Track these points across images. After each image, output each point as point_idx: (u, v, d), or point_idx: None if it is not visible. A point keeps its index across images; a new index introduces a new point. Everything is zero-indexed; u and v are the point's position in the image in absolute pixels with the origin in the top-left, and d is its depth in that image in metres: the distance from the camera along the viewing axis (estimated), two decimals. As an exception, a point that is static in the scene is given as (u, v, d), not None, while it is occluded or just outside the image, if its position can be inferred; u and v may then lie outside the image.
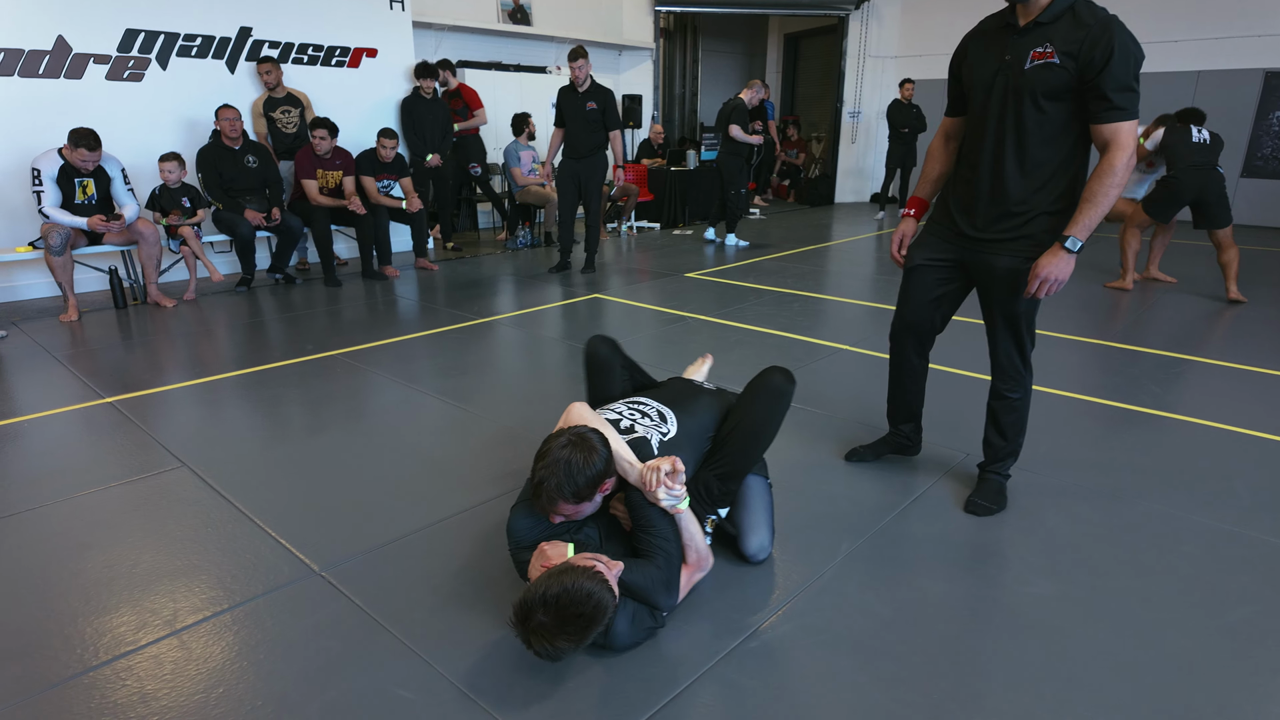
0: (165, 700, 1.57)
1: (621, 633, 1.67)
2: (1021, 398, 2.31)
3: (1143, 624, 1.83)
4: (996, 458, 2.39)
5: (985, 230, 2.15)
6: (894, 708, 1.57)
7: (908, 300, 2.40)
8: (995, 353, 2.29)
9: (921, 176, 2.41)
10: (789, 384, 2.01)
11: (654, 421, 2.03)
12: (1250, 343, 4.15)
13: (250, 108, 5.98)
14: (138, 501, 2.40)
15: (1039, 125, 1.99)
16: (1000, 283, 2.16)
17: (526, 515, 1.84)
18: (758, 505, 2.10)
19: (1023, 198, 2.07)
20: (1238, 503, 2.41)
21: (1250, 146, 8.59)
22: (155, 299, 4.97)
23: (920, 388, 2.55)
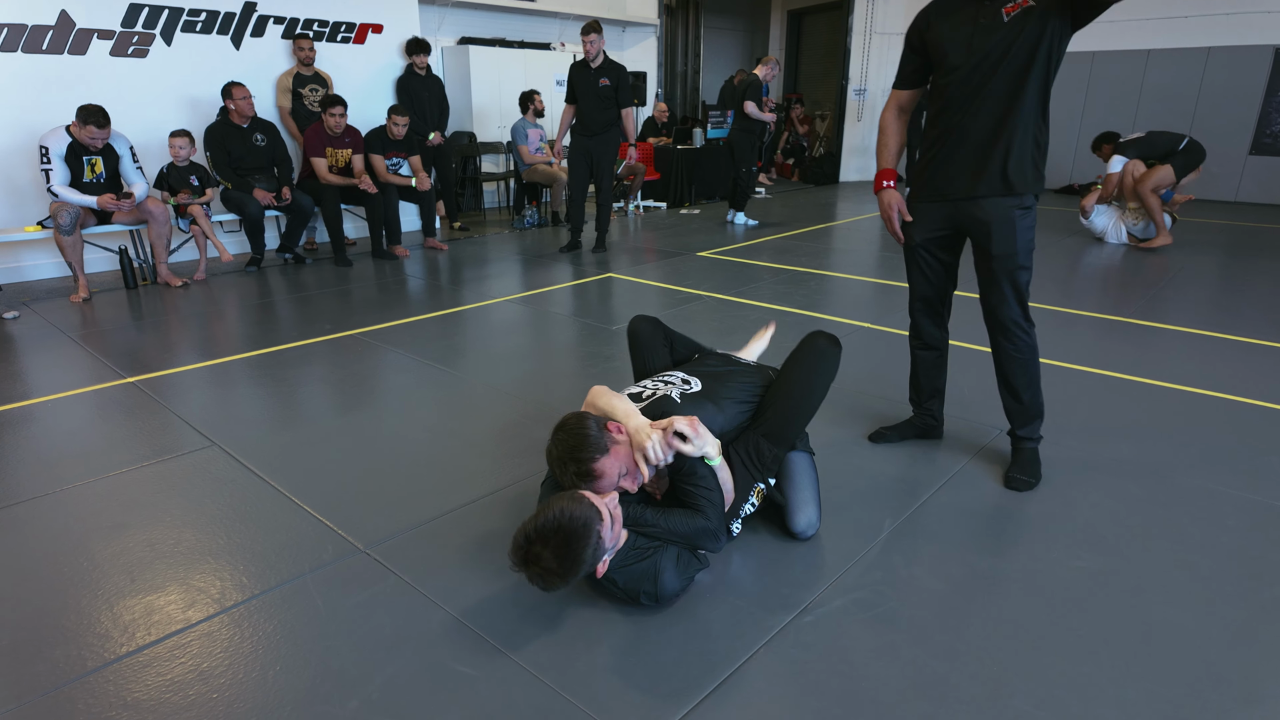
0: (223, 678, 1.56)
1: (668, 581, 1.70)
2: (1031, 352, 2.30)
3: (1193, 596, 1.84)
4: (1022, 421, 2.40)
5: (973, 185, 2.20)
6: (956, 679, 1.57)
7: (918, 279, 2.47)
8: (997, 313, 2.28)
9: (884, 150, 2.43)
10: (833, 347, 2.03)
11: (678, 385, 2.05)
12: (1267, 317, 4.15)
13: (275, 82, 5.91)
14: (172, 481, 2.38)
15: (1039, 71, 2.05)
16: (997, 235, 2.19)
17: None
18: (805, 481, 2.10)
19: (1015, 148, 2.13)
20: (1273, 476, 2.41)
21: (1259, 124, 8.54)
22: (165, 279, 4.92)
23: (942, 361, 2.57)
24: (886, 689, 1.55)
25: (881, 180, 2.42)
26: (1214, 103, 8.73)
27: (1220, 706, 1.50)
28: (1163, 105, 8.97)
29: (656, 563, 1.72)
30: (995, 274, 2.24)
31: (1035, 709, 1.49)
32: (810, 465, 2.13)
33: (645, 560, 1.72)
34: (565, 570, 1.58)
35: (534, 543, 1.58)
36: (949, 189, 2.26)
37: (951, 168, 2.24)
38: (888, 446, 2.65)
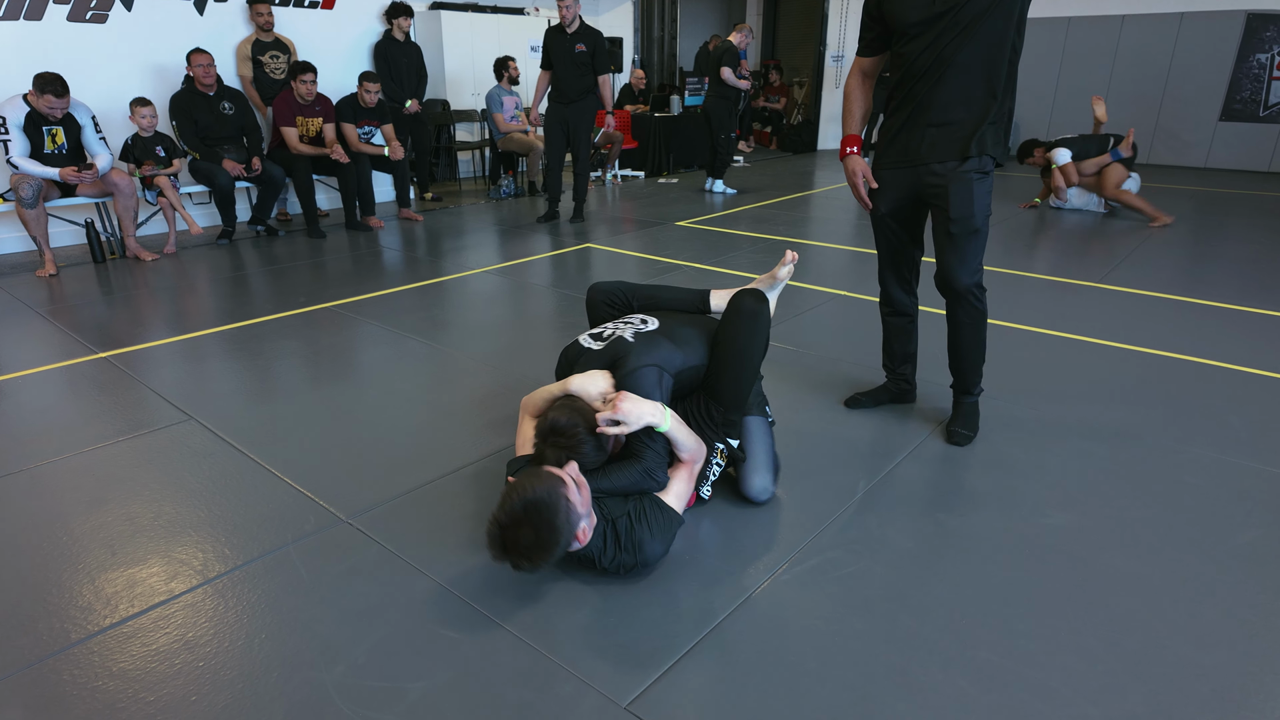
0: (208, 647, 1.58)
1: (647, 542, 1.72)
2: (979, 317, 2.35)
3: (1157, 549, 1.91)
4: (965, 381, 2.47)
5: (935, 150, 2.22)
6: (925, 633, 1.63)
7: (886, 247, 2.51)
8: (950, 274, 2.30)
9: (848, 116, 2.44)
10: (759, 303, 1.99)
11: (634, 325, 2.09)
12: (1236, 282, 4.24)
13: (235, 50, 5.75)
14: (149, 455, 2.37)
15: (999, 36, 2.07)
16: (955, 199, 2.21)
17: None
18: (758, 447, 2.12)
19: (975, 113, 2.16)
20: (1234, 435, 2.49)
21: (1230, 90, 8.63)
22: (134, 252, 4.83)
23: (913, 327, 2.62)
24: (859, 643, 1.60)
25: (845, 147, 2.42)
26: (1186, 69, 8.80)
27: (1176, 652, 1.57)
28: (1136, 71, 9.02)
29: (635, 538, 1.72)
30: (953, 236, 2.26)
31: (1001, 659, 1.55)
32: (765, 430, 2.16)
33: (623, 540, 1.72)
34: (547, 543, 1.57)
35: (507, 528, 1.56)
36: (910, 155, 2.29)
37: (913, 134, 2.26)
38: (862, 411, 2.70)
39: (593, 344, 2.07)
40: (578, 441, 1.76)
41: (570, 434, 1.75)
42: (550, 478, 1.62)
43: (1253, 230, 5.65)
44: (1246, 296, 3.98)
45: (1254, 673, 1.52)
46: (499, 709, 1.43)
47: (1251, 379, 2.93)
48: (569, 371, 2.06)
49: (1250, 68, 8.49)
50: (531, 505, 1.56)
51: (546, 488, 1.59)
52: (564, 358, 2.15)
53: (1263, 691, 1.47)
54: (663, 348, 1.97)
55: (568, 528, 1.61)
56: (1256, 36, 8.39)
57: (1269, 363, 3.08)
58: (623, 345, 1.98)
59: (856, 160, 2.40)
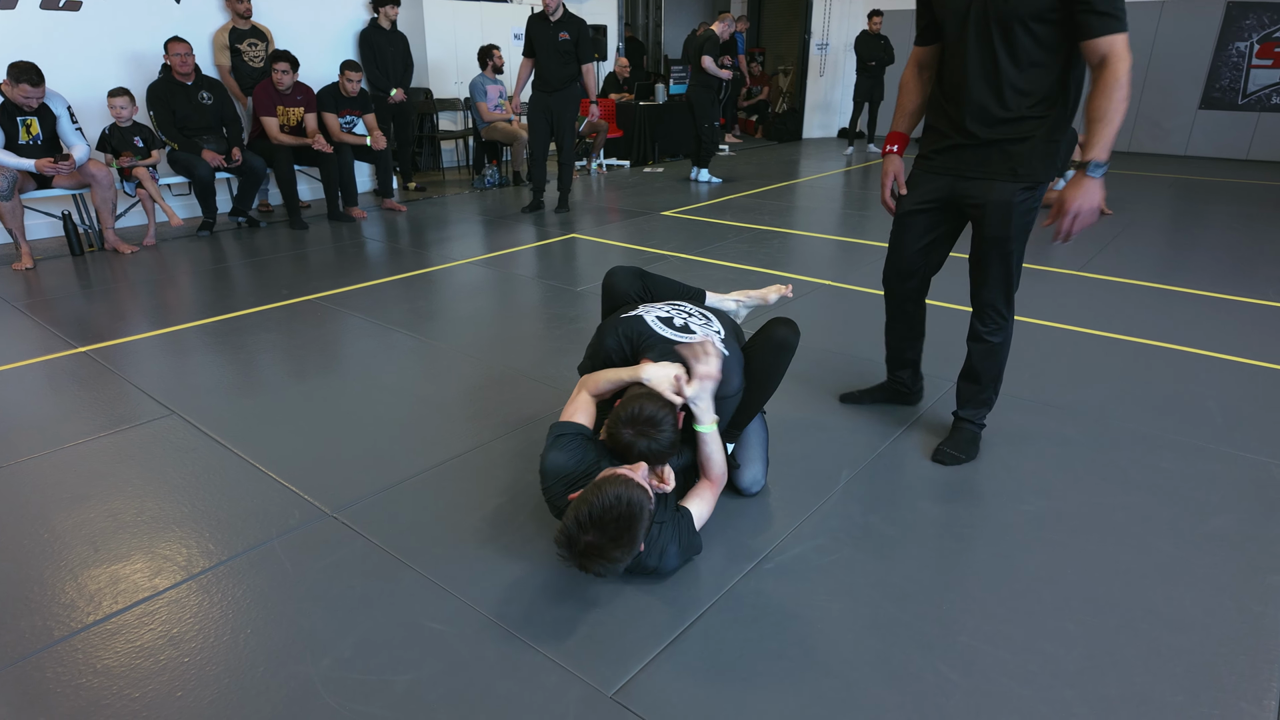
0: (193, 642, 1.58)
1: (672, 554, 1.72)
2: (1002, 342, 2.24)
3: (1133, 534, 1.94)
4: (972, 405, 2.34)
5: (974, 163, 2.07)
6: (907, 619, 1.65)
7: (898, 248, 2.32)
8: (979, 293, 2.21)
9: (898, 109, 2.29)
10: (794, 336, 1.99)
11: (703, 321, 2.04)
12: (1215, 269, 4.30)
13: (212, 39, 5.66)
14: (131, 451, 2.35)
15: (1027, 50, 1.89)
16: (993, 217, 2.07)
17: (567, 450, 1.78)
18: (753, 440, 2.15)
19: (1010, 128, 1.98)
20: (1210, 421, 2.53)
21: (1209, 78, 8.71)
22: (113, 245, 4.76)
23: (916, 334, 2.47)
24: (843, 630, 1.62)
25: (888, 144, 2.29)
26: (1166, 57, 8.87)
27: (1150, 635, 1.60)
28: (1118, 59, 9.06)
29: (662, 545, 1.71)
30: (984, 253, 2.13)
31: (981, 643, 1.58)
32: (760, 424, 2.18)
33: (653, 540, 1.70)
34: (626, 555, 1.56)
35: (589, 531, 1.52)
36: (946, 161, 2.13)
37: (952, 141, 2.10)
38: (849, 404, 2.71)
39: (667, 332, 1.96)
40: (668, 432, 1.72)
41: (661, 425, 1.72)
42: (641, 491, 1.57)
43: (1231, 218, 5.71)
44: (1224, 284, 4.03)
45: (1225, 654, 1.55)
46: (486, 700, 1.44)
47: (1227, 365, 2.98)
48: (634, 349, 1.96)
49: (1229, 56, 8.57)
50: (622, 518, 1.53)
51: (638, 501, 1.55)
52: (624, 326, 1.99)
53: (1234, 672, 1.51)
54: (735, 366, 1.96)
55: (640, 540, 1.59)
56: (1235, 25, 8.46)
57: (1245, 349, 3.13)
58: None
59: (893, 160, 2.28)
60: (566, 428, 1.82)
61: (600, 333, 2.04)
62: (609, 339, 1.99)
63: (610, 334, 2.00)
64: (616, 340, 1.98)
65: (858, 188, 7.19)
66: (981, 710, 1.42)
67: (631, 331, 1.98)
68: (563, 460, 1.76)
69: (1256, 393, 2.74)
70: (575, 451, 1.77)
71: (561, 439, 1.79)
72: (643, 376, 1.82)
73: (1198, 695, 1.45)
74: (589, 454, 1.78)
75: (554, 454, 1.77)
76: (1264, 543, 1.90)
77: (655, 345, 1.93)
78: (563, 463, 1.76)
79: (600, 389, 1.91)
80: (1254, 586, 1.75)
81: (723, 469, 1.90)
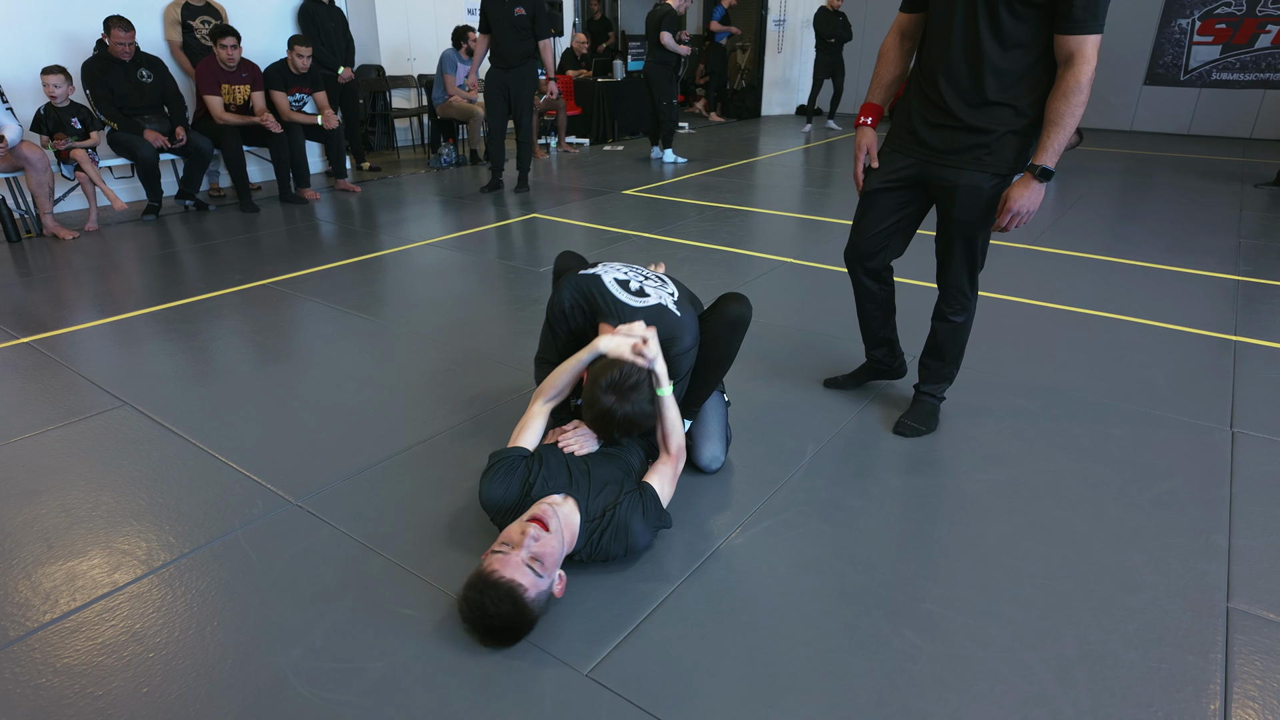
0: (158, 637, 1.54)
1: (638, 531, 1.71)
2: (965, 321, 2.26)
3: (1085, 500, 2.01)
4: (932, 380, 2.37)
5: (947, 146, 2.04)
6: (873, 588, 1.69)
7: (862, 227, 2.28)
8: (944, 273, 2.23)
9: (875, 79, 2.21)
10: (747, 311, 2.00)
11: (657, 283, 2.04)
12: (1159, 242, 4.44)
13: (163, 13, 5.43)
14: (83, 444, 2.28)
15: (1010, 32, 1.86)
16: (962, 201, 2.05)
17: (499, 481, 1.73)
18: (711, 417, 2.17)
19: (988, 113, 1.96)
20: (1157, 389, 2.63)
21: (1153, 54, 8.93)
22: (52, 230, 4.57)
23: (885, 313, 2.44)
24: (811, 601, 1.65)
25: (861, 115, 2.21)
26: (1112, 34, 9.04)
27: (1104, 595, 1.67)
28: (1067, 36, 9.23)
29: (627, 526, 1.70)
30: (950, 237, 2.15)
31: (944, 609, 1.63)
32: (719, 403, 2.20)
33: (609, 532, 1.69)
34: (525, 630, 1.51)
35: (480, 630, 1.49)
36: (918, 137, 2.09)
37: (923, 119, 2.07)
38: (812, 376, 2.74)
39: (623, 295, 1.95)
40: (644, 393, 1.76)
41: (638, 387, 1.75)
42: (509, 583, 1.46)
43: (1174, 191, 5.90)
44: (1168, 255, 4.17)
45: (1173, 610, 1.63)
46: (461, 683, 1.44)
47: (1171, 334, 3.09)
48: (591, 309, 1.96)
49: (1172, 33, 8.79)
50: (499, 617, 1.46)
51: (507, 591, 1.46)
52: (581, 283, 1.98)
53: (1181, 628, 1.58)
54: (688, 314, 1.99)
55: (539, 608, 1.53)
56: (1177, 2, 8.67)
57: (1187, 318, 3.25)
58: (669, 318, 1.94)
59: (866, 133, 2.21)
60: (501, 455, 1.78)
61: (556, 290, 2.02)
62: (565, 295, 1.98)
63: (568, 290, 1.98)
64: (573, 297, 1.97)
65: (818, 165, 7.24)
66: (946, 674, 1.46)
67: (589, 289, 1.98)
68: (497, 493, 1.71)
69: (1199, 360, 2.85)
70: (508, 481, 1.72)
71: (493, 469, 1.74)
72: (601, 349, 1.85)
73: (1148, 651, 1.52)
74: (523, 478, 1.74)
75: (486, 486, 1.72)
76: (1207, 504, 1.99)
77: (612, 312, 1.94)
78: (497, 496, 1.71)
79: (560, 386, 1.89)
80: (1199, 546, 1.83)
81: (682, 440, 1.91)
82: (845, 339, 3.01)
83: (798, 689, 1.43)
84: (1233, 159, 7.34)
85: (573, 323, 1.99)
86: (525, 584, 1.48)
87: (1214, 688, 1.44)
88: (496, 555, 1.53)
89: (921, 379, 2.40)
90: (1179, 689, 1.44)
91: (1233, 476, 2.11)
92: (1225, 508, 1.98)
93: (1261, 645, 1.54)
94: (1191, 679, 1.46)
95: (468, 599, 1.48)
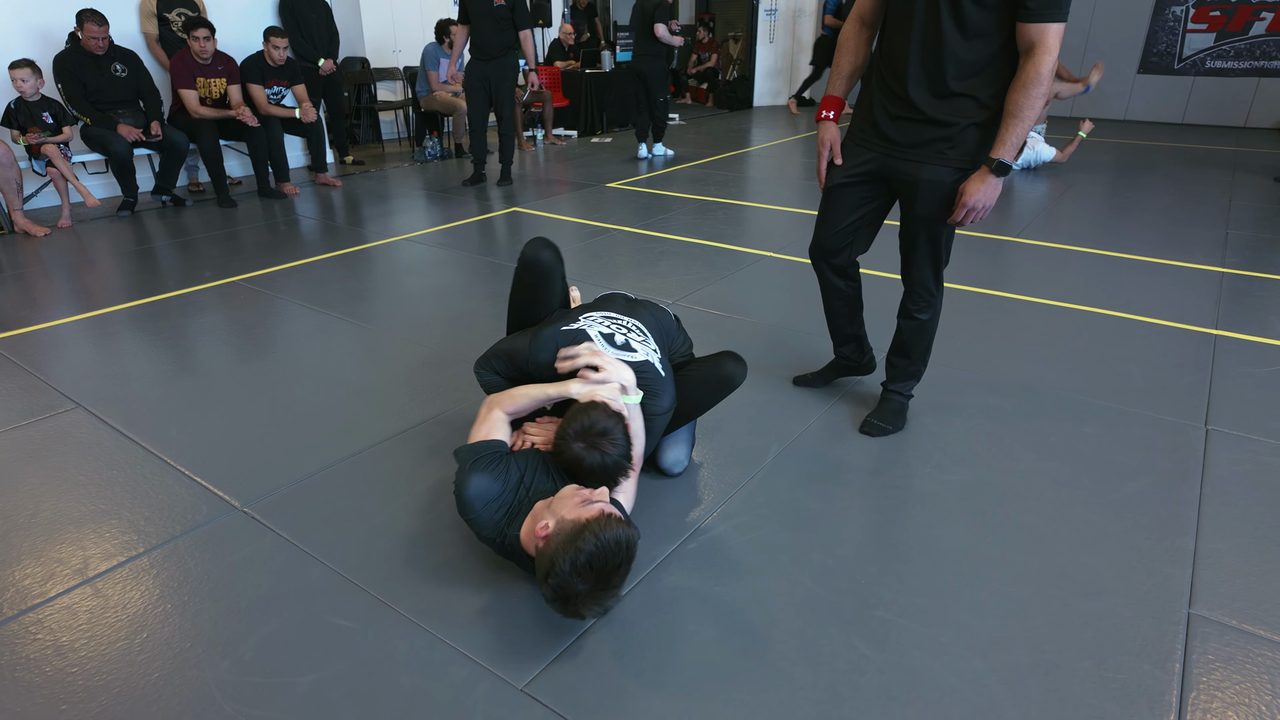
0: (84, 650, 1.50)
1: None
2: (930, 318, 2.22)
3: (1051, 501, 1.96)
4: (899, 378, 2.33)
5: (909, 139, 1.98)
6: (826, 595, 1.64)
7: (825, 224, 2.23)
8: (908, 270, 2.17)
9: (834, 70, 2.14)
10: (741, 374, 1.94)
11: (640, 338, 1.93)
12: (1148, 234, 4.37)
13: (139, 6, 5.35)
14: (29, 448, 2.23)
15: (973, 21, 1.80)
16: (924, 196, 2.00)
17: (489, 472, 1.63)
18: None
19: (950, 105, 1.90)
20: (1133, 385, 2.58)
21: (1147, 43, 8.83)
22: (23, 227, 4.51)
23: (852, 309, 2.39)
24: (761, 609, 1.61)
25: (822, 109, 2.14)
26: (1105, 22, 8.95)
27: (1062, 601, 1.62)
28: (1060, 24, 9.13)
29: None
30: (914, 232, 2.09)
31: (898, 617, 1.58)
32: None
33: None
34: (618, 594, 1.46)
35: (586, 578, 1.38)
36: (879, 130, 2.03)
37: (887, 112, 2.00)
38: (781, 374, 2.69)
39: (613, 352, 1.85)
40: (620, 445, 1.64)
41: (613, 437, 1.63)
42: (633, 531, 1.45)
43: (1166, 181, 5.82)
44: (1156, 248, 4.11)
45: (1132, 618, 1.58)
46: (392, 697, 1.39)
47: (1151, 328, 3.03)
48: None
49: (1166, 21, 8.69)
50: (620, 567, 1.41)
51: (633, 544, 1.43)
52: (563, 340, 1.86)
53: (1140, 636, 1.53)
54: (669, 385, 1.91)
55: None
56: (1173, -11, 8.56)
57: (1169, 312, 3.19)
58: (653, 375, 1.85)
59: (828, 128, 2.14)
60: (481, 448, 1.67)
61: (534, 343, 1.86)
62: (545, 351, 1.84)
63: (549, 345, 1.85)
64: (553, 356, 1.84)
65: (811, 155, 7.16)
66: (893, 685, 1.42)
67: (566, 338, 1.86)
68: (485, 485, 1.60)
69: (1177, 355, 2.79)
70: (496, 472, 1.63)
71: (479, 461, 1.63)
72: (573, 392, 1.74)
73: (1104, 660, 1.47)
74: (511, 473, 1.66)
75: (475, 479, 1.59)
76: (1176, 506, 1.94)
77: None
78: (485, 487, 1.60)
79: (518, 406, 1.78)
80: (1164, 550, 1.78)
81: (642, 450, 1.85)
82: (818, 334, 2.94)
83: (737, 703, 1.38)
84: (1226, 148, 7.26)
85: (550, 373, 1.85)
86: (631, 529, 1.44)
87: (1169, 698, 1.39)
88: (588, 507, 1.46)
89: (889, 377, 2.35)
90: (1133, 700, 1.39)
91: (1204, 476, 2.06)
92: (1194, 509, 1.93)
93: (1221, 653, 1.49)
94: (1146, 690, 1.41)
95: (582, 569, 1.37)
